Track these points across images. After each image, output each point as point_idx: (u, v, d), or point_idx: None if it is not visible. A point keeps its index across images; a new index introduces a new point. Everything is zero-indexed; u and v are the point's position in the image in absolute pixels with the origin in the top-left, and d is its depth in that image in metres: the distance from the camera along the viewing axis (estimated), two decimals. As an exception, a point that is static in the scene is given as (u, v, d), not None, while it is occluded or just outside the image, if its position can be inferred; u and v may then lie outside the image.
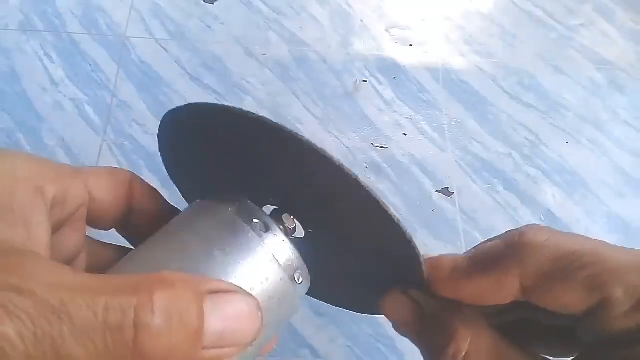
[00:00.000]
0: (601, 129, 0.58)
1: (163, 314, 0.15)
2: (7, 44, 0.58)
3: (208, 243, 0.19)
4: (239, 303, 0.17)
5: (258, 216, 0.21)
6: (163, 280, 0.16)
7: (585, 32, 0.65)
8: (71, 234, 0.23)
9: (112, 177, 0.24)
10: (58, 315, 0.15)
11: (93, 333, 0.15)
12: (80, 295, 0.15)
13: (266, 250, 0.20)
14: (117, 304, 0.15)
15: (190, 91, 0.57)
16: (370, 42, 0.62)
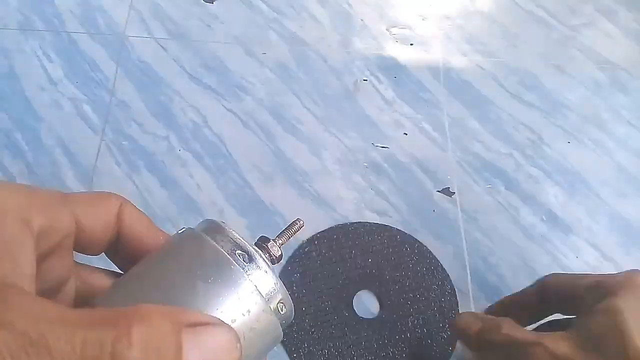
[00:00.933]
0: (603, 129, 0.58)
1: (140, 347, 0.16)
2: (6, 43, 0.58)
3: (191, 274, 0.20)
4: (217, 335, 0.17)
5: (241, 247, 0.21)
6: (141, 314, 0.16)
7: (587, 31, 0.64)
8: (58, 261, 0.23)
9: (101, 204, 0.24)
10: (37, 347, 0.15)
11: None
12: (59, 328, 0.16)
13: (248, 282, 0.20)
14: (95, 337, 0.16)
15: (189, 91, 0.56)
16: (370, 41, 0.61)
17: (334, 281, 0.47)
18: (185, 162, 0.52)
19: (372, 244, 0.49)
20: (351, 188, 0.52)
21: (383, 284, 0.48)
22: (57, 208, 0.21)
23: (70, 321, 0.16)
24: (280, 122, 0.55)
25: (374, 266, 0.48)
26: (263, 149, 0.54)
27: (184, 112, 0.55)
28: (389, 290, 0.47)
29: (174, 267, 0.20)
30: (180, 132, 0.54)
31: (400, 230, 0.50)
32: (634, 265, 0.37)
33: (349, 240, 0.49)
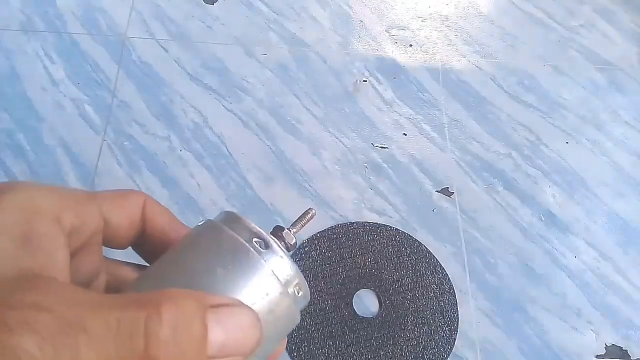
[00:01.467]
0: (601, 129, 0.58)
1: (170, 324, 0.17)
2: (8, 44, 0.58)
3: (211, 262, 0.21)
4: (239, 315, 0.19)
5: (258, 235, 0.22)
6: (170, 296, 0.18)
7: (585, 32, 0.65)
8: (89, 257, 0.24)
9: (126, 201, 0.25)
10: (75, 328, 0.17)
11: (107, 342, 0.17)
12: (94, 310, 0.17)
13: (265, 267, 0.21)
14: (128, 317, 0.17)
15: (190, 91, 0.57)
16: (370, 43, 0.62)
17: (334, 280, 0.48)
18: (186, 162, 0.53)
19: (371, 244, 0.50)
20: (351, 188, 0.53)
21: (382, 283, 0.48)
22: (86, 207, 0.23)
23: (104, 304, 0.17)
24: (281, 123, 0.56)
25: (374, 265, 0.49)
26: (263, 149, 0.54)
27: (184, 113, 0.55)
28: (389, 289, 0.48)
29: (195, 257, 0.22)
30: (181, 132, 0.54)
31: (399, 230, 0.50)
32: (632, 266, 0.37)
33: (349, 239, 0.50)
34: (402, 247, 0.49)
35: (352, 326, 0.46)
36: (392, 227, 0.50)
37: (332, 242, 0.49)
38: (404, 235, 0.50)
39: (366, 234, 0.50)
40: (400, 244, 0.50)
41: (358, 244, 0.49)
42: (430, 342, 0.46)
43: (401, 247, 0.49)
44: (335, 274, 0.48)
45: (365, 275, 0.48)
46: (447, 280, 0.48)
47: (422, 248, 0.50)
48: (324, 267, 0.48)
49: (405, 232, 0.50)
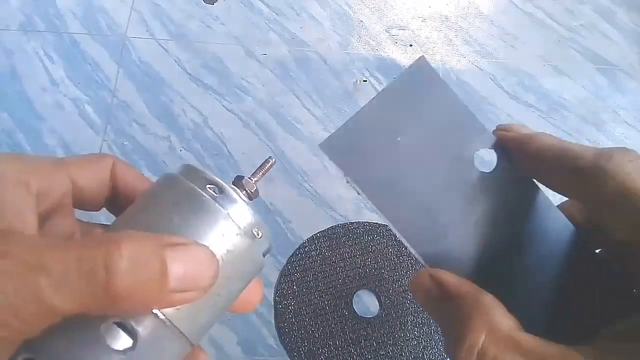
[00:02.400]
0: (601, 129, 0.58)
1: (130, 259, 0.18)
2: (8, 44, 0.58)
3: (168, 210, 0.22)
4: (195, 252, 0.20)
5: (212, 182, 0.23)
6: (128, 236, 0.19)
7: (586, 32, 0.65)
8: (60, 220, 0.25)
9: (94, 164, 0.26)
10: (36, 270, 0.17)
11: (68, 280, 0.17)
12: (55, 252, 0.18)
13: (220, 210, 0.22)
14: (88, 254, 0.18)
15: (190, 91, 0.57)
16: (370, 42, 0.62)
17: (334, 280, 0.48)
18: (187, 161, 0.53)
19: (371, 244, 0.50)
20: (351, 188, 0.53)
21: (382, 283, 0.48)
22: (53, 171, 0.24)
23: (64, 246, 0.18)
24: (280, 122, 0.56)
25: (373, 265, 0.49)
26: (263, 148, 0.54)
27: (185, 113, 0.55)
28: (388, 289, 0.48)
29: (154, 206, 0.23)
30: (181, 132, 0.54)
31: None
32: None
33: (349, 239, 0.50)
34: (401, 246, 0.49)
35: (352, 326, 0.46)
36: None
37: (332, 242, 0.49)
38: None
39: (366, 234, 0.50)
40: (400, 243, 0.50)
41: (358, 244, 0.49)
42: (430, 342, 0.46)
43: (401, 246, 0.49)
44: (335, 274, 0.48)
45: (365, 275, 0.48)
46: None
47: None
48: (323, 267, 0.48)
49: None
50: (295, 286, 0.47)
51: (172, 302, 0.19)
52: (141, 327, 0.20)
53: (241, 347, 0.45)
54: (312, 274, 0.48)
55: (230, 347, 0.45)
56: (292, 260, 0.48)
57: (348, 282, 0.48)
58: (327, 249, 0.49)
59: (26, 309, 0.17)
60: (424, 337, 0.46)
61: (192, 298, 0.20)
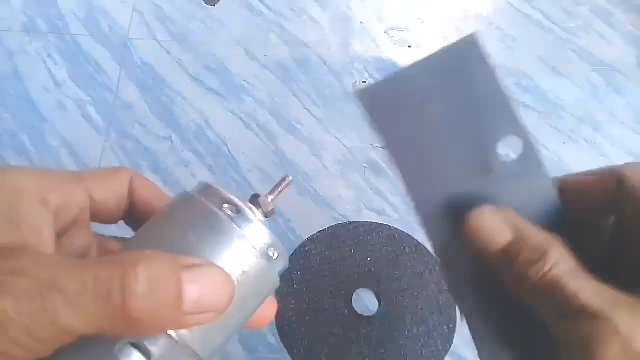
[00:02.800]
0: (599, 130, 0.59)
1: (146, 281, 0.18)
2: (11, 45, 0.58)
3: (184, 229, 0.22)
4: (211, 273, 0.20)
5: (229, 201, 0.23)
6: (145, 256, 0.19)
7: (583, 34, 0.65)
8: (78, 234, 0.25)
9: (112, 179, 0.26)
10: (50, 289, 0.17)
11: (84, 300, 0.17)
12: (70, 271, 0.18)
13: (237, 231, 0.22)
14: (104, 274, 0.18)
15: (192, 92, 0.57)
16: (369, 44, 0.62)
17: (334, 279, 0.48)
18: (188, 162, 0.53)
19: (371, 243, 0.50)
20: (350, 188, 0.53)
21: (382, 282, 0.49)
22: (71, 186, 0.24)
23: (80, 265, 0.18)
24: (281, 123, 0.56)
25: (373, 264, 0.49)
26: (264, 149, 0.55)
27: (186, 114, 0.56)
28: (388, 288, 0.48)
29: (170, 225, 0.23)
30: (182, 133, 0.55)
31: (398, 229, 0.51)
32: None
33: (349, 239, 0.50)
34: (401, 246, 0.50)
35: (351, 324, 0.47)
36: (391, 227, 0.51)
37: (332, 242, 0.50)
38: (404, 234, 0.51)
39: (366, 234, 0.51)
40: (400, 243, 0.50)
41: (358, 244, 0.50)
42: (429, 341, 0.46)
43: (400, 246, 0.50)
44: (335, 273, 0.49)
45: (365, 274, 0.49)
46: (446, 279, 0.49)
47: (421, 247, 0.50)
48: (323, 267, 0.49)
49: (404, 232, 0.51)
50: (295, 285, 0.48)
51: (187, 324, 0.19)
52: (155, 347, 0.20)
53: (242, 345, 0.46)
54: (312, 273, 0.49)
55: (231, 346, 0.45)
56: (293, 259, 0.49)
57: (348, 281, 0.48)
58: (326, 249, 0.50)
59: (41, 329, 0.17)
60: (423, 335, 0.47)
61: (207, 320, 0.20)
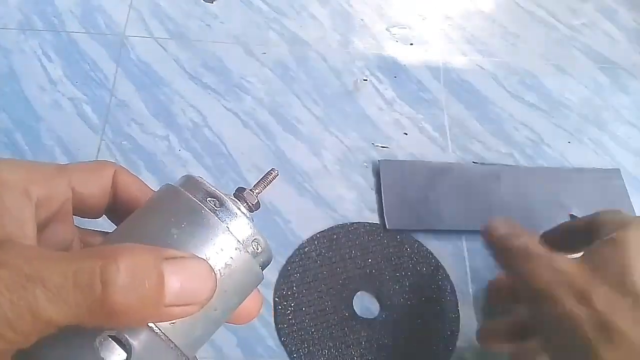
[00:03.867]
0: (603, 129, 0.58)
1: (127, 273, 0.18)
2: (6, 43, 0.58)
3: (167, 222, 0.22)
4: (192, 265, 0.20)
5: (212, 194, 0.23)
6: (126, 248, 0.19)
7: (588, 31, 0.64)
8: (60, 226, 0.25)
9: (96, 172, 0.26)
10: (32, 281, 0.17)
11: (65, 293, 0.17)
12: (52, 263, 0.18)
13: (219, 224, 0.22)
14: (85, 267, 0.18)
15: (189, 91, 0.56)
16: (370, 41, 0.61)
17: (334, 281, 0.47)
18: (186, 161, 0.52)
19: (371, 244, 0.49)
20: (351, 188, 0.52)
21: (383, 284, 0.48)
22: (54, 179, 0.24)
23: (61, 258, 0.18)
24: (280, 122, 0.55)
25: (374, 266, 0.48)
26: (263, 148, 0.54)
27: (183, 112, 0.55)
28: (389, 290, 0.47)
29: (153, 218, 0.23)
30: (180, 131, 0.54)
31: (400, 230, 0.50)
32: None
33: (349, 240, 0.49)
34: (402, 247, 0.49)
35: (352, 327, 0.46)
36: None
37: (332, 243, 0.49)
38: (405, 235, 0.50)
39: (366, 234, 0.50)
40: (401, 244, 0.49)
41: (358, 245, 0.49)
42: (431, 345, 0.45)
43: (402, 247, 0.49)
44: (335, 275, 0.48)
45: (366, 275, 0.48)
46: (448, 281, 0.48)
47: (423, 248, 0.49)
48: (323, 268, 0.48)
49: (405, 232, 0.50)
50: (295, 287, 0.47)
51: (168, 316, 0.19)
52: (136, 340, 0.19)
53: (241, 348, 0.45)
54: (312, 274, 0.48)
55: (230, 349, 0.45)
56: (292, 260, 0.48)
57: (348, 282, 0.47)
58: (326, 249, 0.49)
59: (21, 320, 0.17)
60: (426, 338, 0.46)
61: (189, 312, 0.20)
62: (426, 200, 0.51)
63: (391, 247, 0.49)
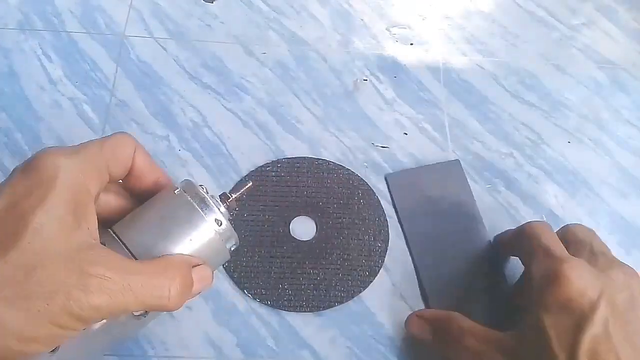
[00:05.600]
0: (603, 129, 0.58)
1: (180, 288, 0.30)
2: (6, 43, 0.58)
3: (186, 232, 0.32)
4: (204, 270, 0.33)
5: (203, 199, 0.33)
6: (176, 264, 0.31)
7: (587, 31, 0.64)
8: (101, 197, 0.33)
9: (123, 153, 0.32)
10: (126, 291, 0.27)
11: (146, 298, 0.28)
12: (137, 277, 0.28)
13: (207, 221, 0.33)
14: (159, 282, 0.29)
15: (189, 90, 0.56)
16: (370, 41, 0.61)
17: (282, 201, 0.51)
18: (185, 161, 0.52)
19: (328, 181, 0.52)
20: (351, 188, 0.52)
21: (324, 215, 0.50)
22: (104, 174, 0.31)
23: (142, 272, 0.28)
24: (280, 122, 0.55)
25: (320, 198, 0.51)
26: (263, 148, 0.54)
27: (183, 112, 0.55)
28: (328, 221, 0.50)
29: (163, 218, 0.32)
30: (180, 131, 0.54)
31: (360, 177, 0.52)
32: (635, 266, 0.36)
33: (309, 171, 0.52)
34: (356, 191, 0.51)
35: (289, 247, 0.49)
36: (353, 172, 0.53)
37: (293, 169, 0.52)
38: (363, 182, 0.52)
39: (327, 172, 0.53)
40: (356, 188, 0.50)
41: (317, 177, 0.52)
42: (365, 256, 0.49)
43: (356, 191, 0.51)
44: (286, 196, 0.51)
45: (310, 204, 0.51)
46: (385, 232, 0.48)
47: (375, 198, 0.50)
48: (277, 188, 0.51)
49: (366, 182, 0.51)
50: None
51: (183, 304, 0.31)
52: None
53: (241, 348, 0.45)
54: (264, 190, 0.50)
55: (230, 349, 0.45)
56: (254, 172, 0.51)
57: (293, 206, 0.50)
58: (286, 173, 0.52)
59: (114, 314, 0.28)
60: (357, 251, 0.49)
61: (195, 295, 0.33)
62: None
63: (346, 189, 0.52)
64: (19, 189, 0.27)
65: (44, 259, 0.25)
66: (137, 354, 0.44)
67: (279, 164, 0.52)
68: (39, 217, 0.26)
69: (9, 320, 0.24)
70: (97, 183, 0.30)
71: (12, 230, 0.26)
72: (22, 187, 0.27)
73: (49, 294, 0.24)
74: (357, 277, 0.48)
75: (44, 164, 0.28)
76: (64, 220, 0.27)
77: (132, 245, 0.31)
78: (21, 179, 0.28)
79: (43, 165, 0.28)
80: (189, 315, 0.46)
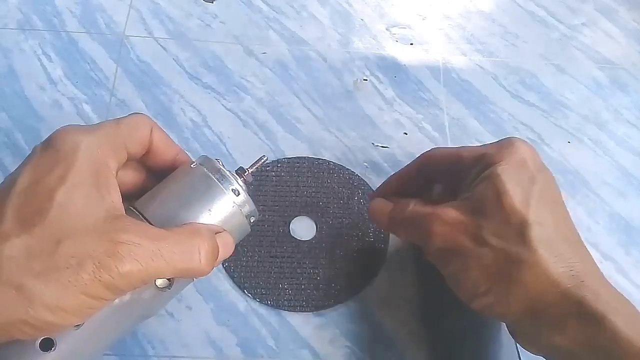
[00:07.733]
0: (603, 129, 0.58)
1: (208, 250, 0.31)
2: (6, 42, 0.58)
3: (192, 194, 0.33)
4: (226, 237, 0.33)
5: (222, 173, 0.34)
6: (202, 231, 0.31)
7: (587, 31, 0.64)
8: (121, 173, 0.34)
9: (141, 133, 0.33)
10: (157, 256, 0.27)
11: (176, 262, 0.28)
12: (166, 242, 0.28)
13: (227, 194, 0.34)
14: (188, 247, 0.30)
15: (189, 90, 0.56)
16: (370, 41, 0.61)
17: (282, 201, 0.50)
18: (185, 161, 0.52)
19: (328, 180, 0.52)
20: (351, 188, 0.52)
21: (324, 215, 0.50)
22: (121, 151, 0.32)
23: (171, 237, 0.29)
24: (280, 122, 0.55)
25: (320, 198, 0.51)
26: (263, 148, 0.54)
27: (183, 112, 0.55)
28: (328, 221, 0.50)
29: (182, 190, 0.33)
30: (180, 131, 0.54)
31: (360, 177, 0.52)
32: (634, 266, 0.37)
33: (309, 171, 0.52)
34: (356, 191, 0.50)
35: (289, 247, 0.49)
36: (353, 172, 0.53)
37: (293, 169, 0.52)
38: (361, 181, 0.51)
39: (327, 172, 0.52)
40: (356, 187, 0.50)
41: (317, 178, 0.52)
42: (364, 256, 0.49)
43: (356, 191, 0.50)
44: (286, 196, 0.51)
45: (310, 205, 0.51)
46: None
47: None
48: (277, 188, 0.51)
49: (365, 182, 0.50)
50: None
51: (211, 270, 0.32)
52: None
53: (241, 348, 0.45)
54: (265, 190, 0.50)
55: (230, 349, 0.45)
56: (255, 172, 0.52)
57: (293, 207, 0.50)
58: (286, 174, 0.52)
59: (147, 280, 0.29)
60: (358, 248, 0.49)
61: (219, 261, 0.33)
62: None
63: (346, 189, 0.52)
64: (40, 167, 0.28)
65: (71, 231, 0.25)
66: (137, 354, 0.44)
67: (279, 164, 0.52)
68: (62, 191, 0.26)
69: (40, 292, 0.24)
70: (115, 159, 0.30)
71: (37, 206, 0.26)
72: (44, 165, 0.28)
73: (78, 264, 0.25)
74: (357, 277, 0.48)
75: (63, 141, 0.29)
76: (88, 193, 0.27)
77: (154, 219, 0.31)
78: (42, 156, 0.29)
79: (62, 142, 0.29)
80: (189, 315, 0.46)
